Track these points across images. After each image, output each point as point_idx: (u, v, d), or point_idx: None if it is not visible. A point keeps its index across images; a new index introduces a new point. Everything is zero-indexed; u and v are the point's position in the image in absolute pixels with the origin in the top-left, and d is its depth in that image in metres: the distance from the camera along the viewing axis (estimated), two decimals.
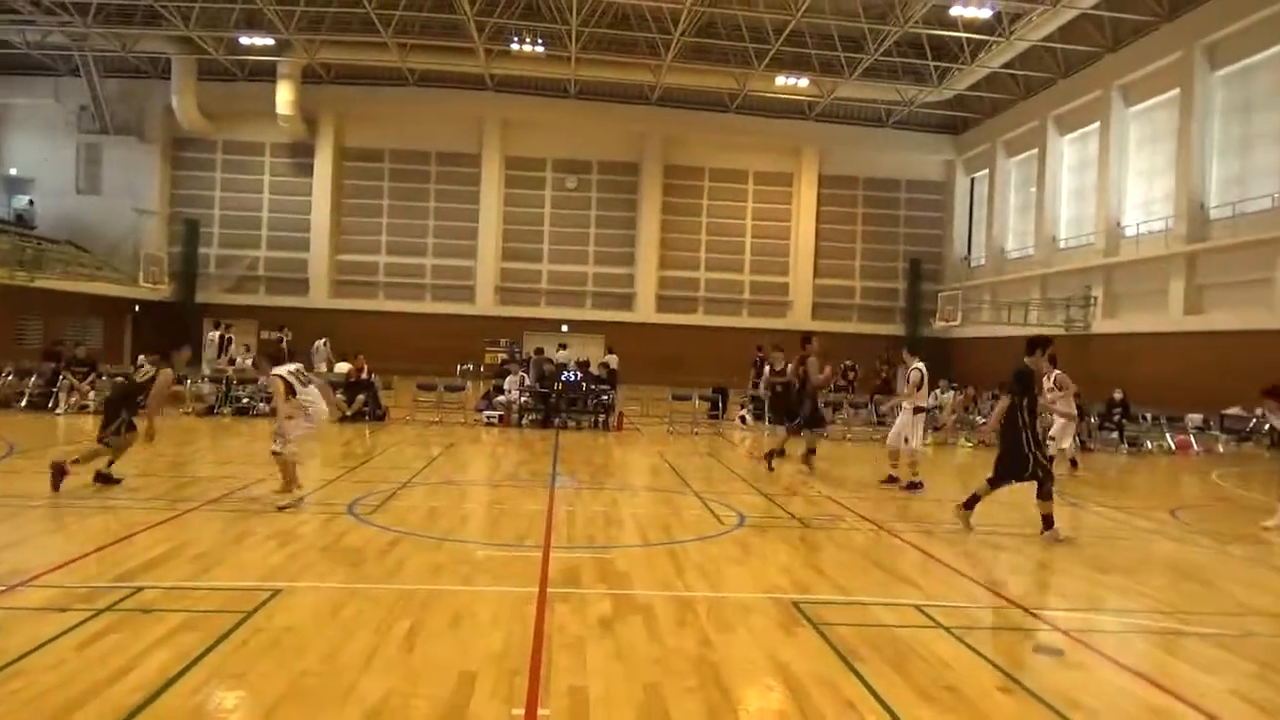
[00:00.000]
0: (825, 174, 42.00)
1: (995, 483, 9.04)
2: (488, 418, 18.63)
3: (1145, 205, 29.90)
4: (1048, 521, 8.80)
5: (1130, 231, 30.23)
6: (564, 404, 18.74)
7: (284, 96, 36.31)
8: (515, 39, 33.72)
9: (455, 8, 30.58)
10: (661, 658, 4.91)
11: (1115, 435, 19.33)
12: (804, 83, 36.87)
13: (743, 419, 20.93)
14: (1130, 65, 29.77)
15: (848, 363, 27.23)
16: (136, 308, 35.66)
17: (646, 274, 40.99)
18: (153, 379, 9.58)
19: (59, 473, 8.92)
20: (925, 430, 13.86)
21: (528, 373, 19.45)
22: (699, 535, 8.32)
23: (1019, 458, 8.77)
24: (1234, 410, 22.31)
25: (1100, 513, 11.02)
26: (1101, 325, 30.47)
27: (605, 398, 19.07)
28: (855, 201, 42.52)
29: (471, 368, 34.87)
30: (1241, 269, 24.87)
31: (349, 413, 17.98)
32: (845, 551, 7.97)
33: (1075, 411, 14.64)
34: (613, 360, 23.61)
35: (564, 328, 38.04)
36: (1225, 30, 25.74)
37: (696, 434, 18.57)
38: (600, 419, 18.73)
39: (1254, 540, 9.47)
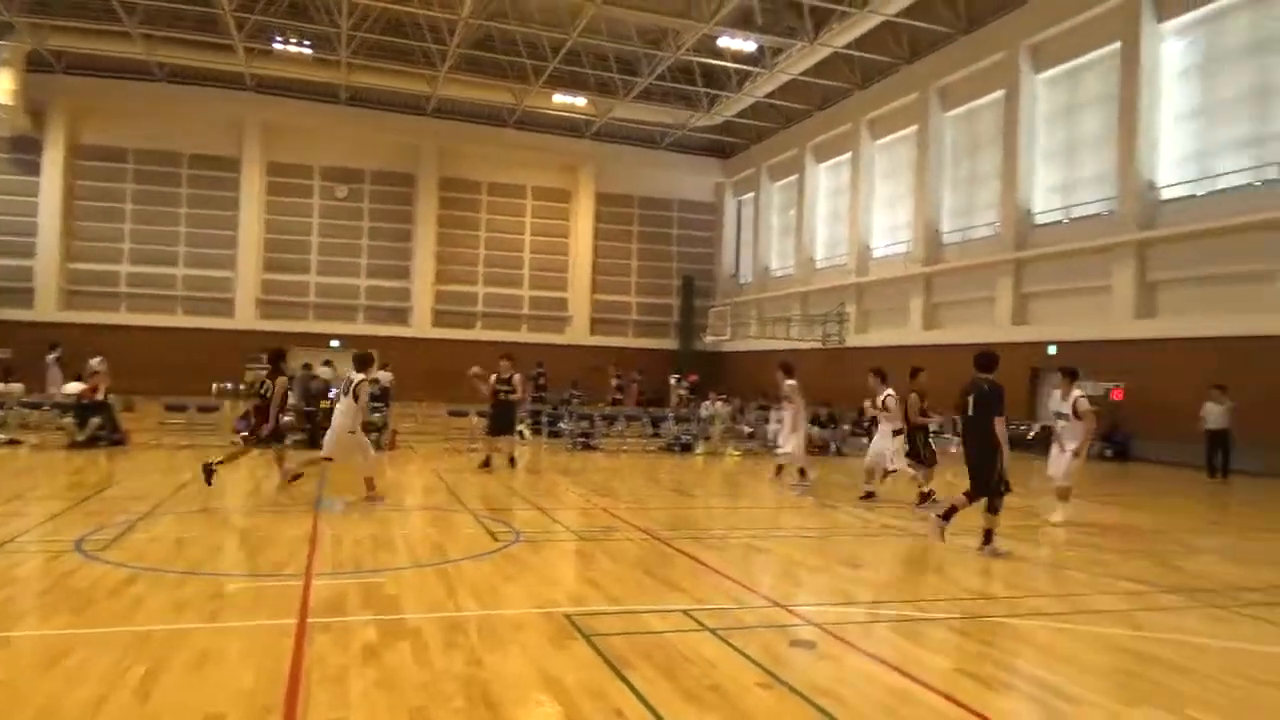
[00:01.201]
0: (602, 192, 42.82)
1: (973, 496, 9.03)
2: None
3: (890, 230, 32.78)
4: (989, 536, 8.97)
5: (878, 254, 33.04)
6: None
7: (3, 85, 32.29)
8: (278, 38, 31.91)
9: (211, 1, 28.52)
10: (429, 682, 4.74)
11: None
12: (581, 101, 37.47)
13: (521, 434, 20.81)
14: (876, 102, 32.59)
15: (635, 375, 27.92)
16: None
17: (423, 288, 39.97)
18: None
19: None
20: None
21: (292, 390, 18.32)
22: (473, 553, 8.14)
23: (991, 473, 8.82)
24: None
25: (853, 513, 11.85)
26: (854, 339, 33.00)
27: (377, 416, 18.33)
28: (631, 219, 43.64)
29: (230, 386, 32.43)
30: (970, 289, 27.81)
31: (80, 438, 16.20)
32: (618, 562, 8.07)
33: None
34: (386, 377, 22.76)
35: (334, 343, 36.29)
36: (954, 75, 28.78)
37: (474, 451, 18.26)
38: (371, 438, 17.98)
39: (980, 532, 10.49)
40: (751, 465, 15.20)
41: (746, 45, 30.96)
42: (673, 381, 26.81)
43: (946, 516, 9.18)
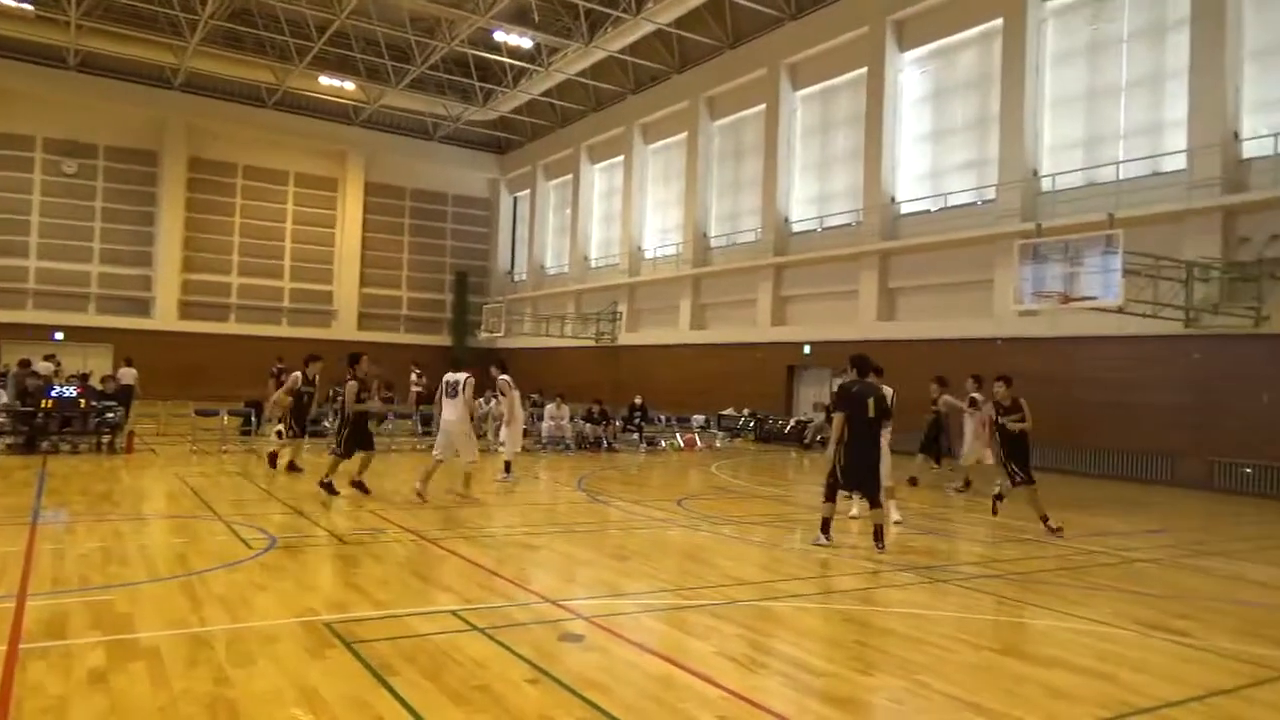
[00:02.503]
0: (372, 182, 41.27)
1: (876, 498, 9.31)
2: None
3: (661, 232, 33.89)
4: (879, 532, 9.16)
5: (649, 255, 34.07)
6: (55, 425, 15.97)
7: None
8: None
9: None
10: (167, 705, 4.33)
11: (635, 436, 21.49)
12: (350, 86, 35.90)
13: (279, 434, 19.59)
14: (649, 107, 33.58)
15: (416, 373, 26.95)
16: None
17: (168, 276, 36.75)
18: None
19: None
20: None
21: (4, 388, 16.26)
22: (222, 563, 7.56)
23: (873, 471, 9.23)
24: (728, 411, 26.14)
25: (621, 506, 12.12)
26: (626, 338, 33.83)
27: (111, 416, 16.61)
28: (403, 212, 42.37)
29: None
30: (734, 291, 29.28)
31: None
32: (384, 565, 7.78)
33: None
34: (129, 374, 20.71)
35: (58, 335, 32.56)
36: (721, 87, 30.18)
37: (225, 453, 16.98)
38: (105, 440, 16.28)
39: (740, 522, 11.08)
40: (527, 461, 15.19)
41: (523, 41, 30.93)
42: (413, 377, 25.98)
43: (824, 529, 9.30)
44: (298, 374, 14.35)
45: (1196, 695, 5.01)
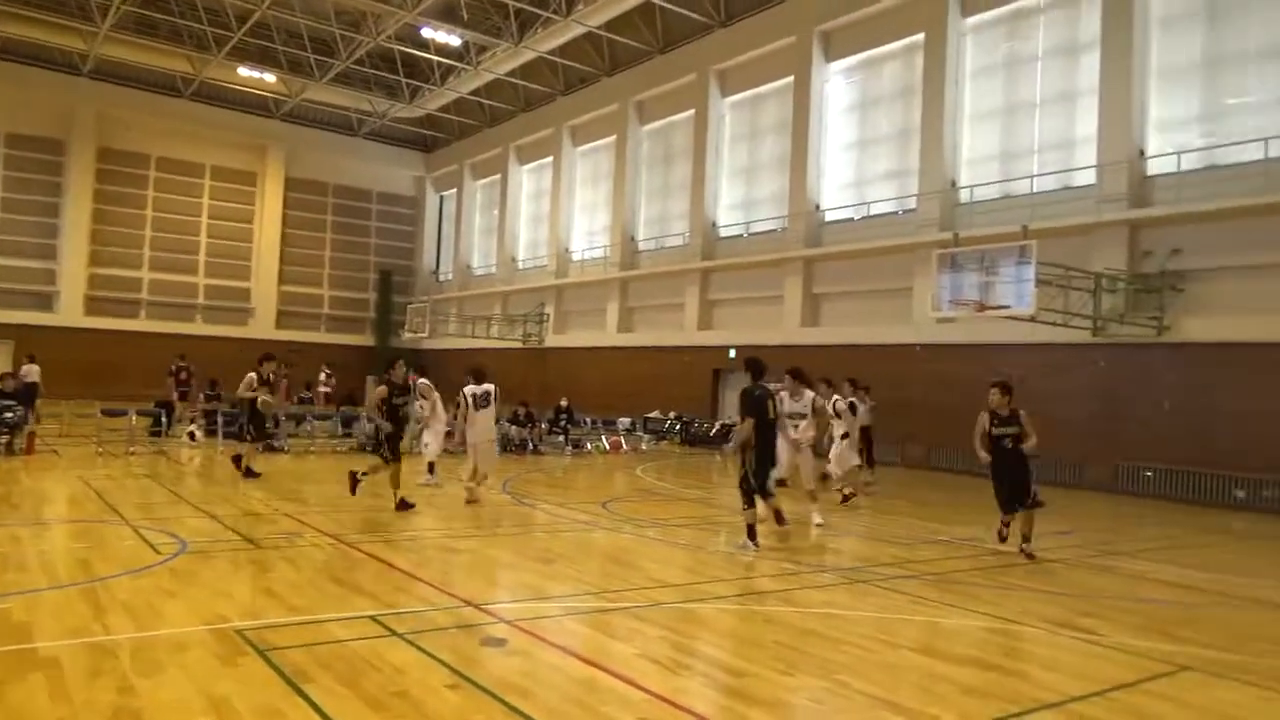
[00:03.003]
0: (293, 177, 40.27)
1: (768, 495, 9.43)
2: None
3: (589, 235, 33.84)
4: (752, 531, 9.24)
5: (577, 257, 33.98)
6: None
7: None
8: None
9: None
10: (68, 717, 4.15)
11: (561, 438, 21.39)
12: (271, 78, 34.97)
13: (192, 435, 18.98)
14: (578, 110, 33.51)
15: (326, 372, 26.34)
16: None
17: (73, 270, 35.25)
18: None
19: None
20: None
21: None
22: (128, 569, 7.26)
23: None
24: (655, 414, 26.22)
25: (546, 509, 12.05)
26: (553, 340, 33.68)
27: (10, 415, 15.82)
28: (325, 208, 41.45)
29: None
30: (661, 295, 29.39)
31: None
32: (301, 570, 7.58)
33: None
34: (33, 372, 19.73)
35: None
36: (651, 91, 30.29)
37: (133, 454, 16.34)
38: (4, 441, 15.50)
39: (664, 524, 11.12)
40: (451, 464, 14.97)
41: (451, 39, 30.57)
42: (322, 377, 25.27)
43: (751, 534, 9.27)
44: (252, 375, 13.70)
45: (1100, 690, 5.20)
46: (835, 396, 13.01)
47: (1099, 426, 17.62)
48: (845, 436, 12.96)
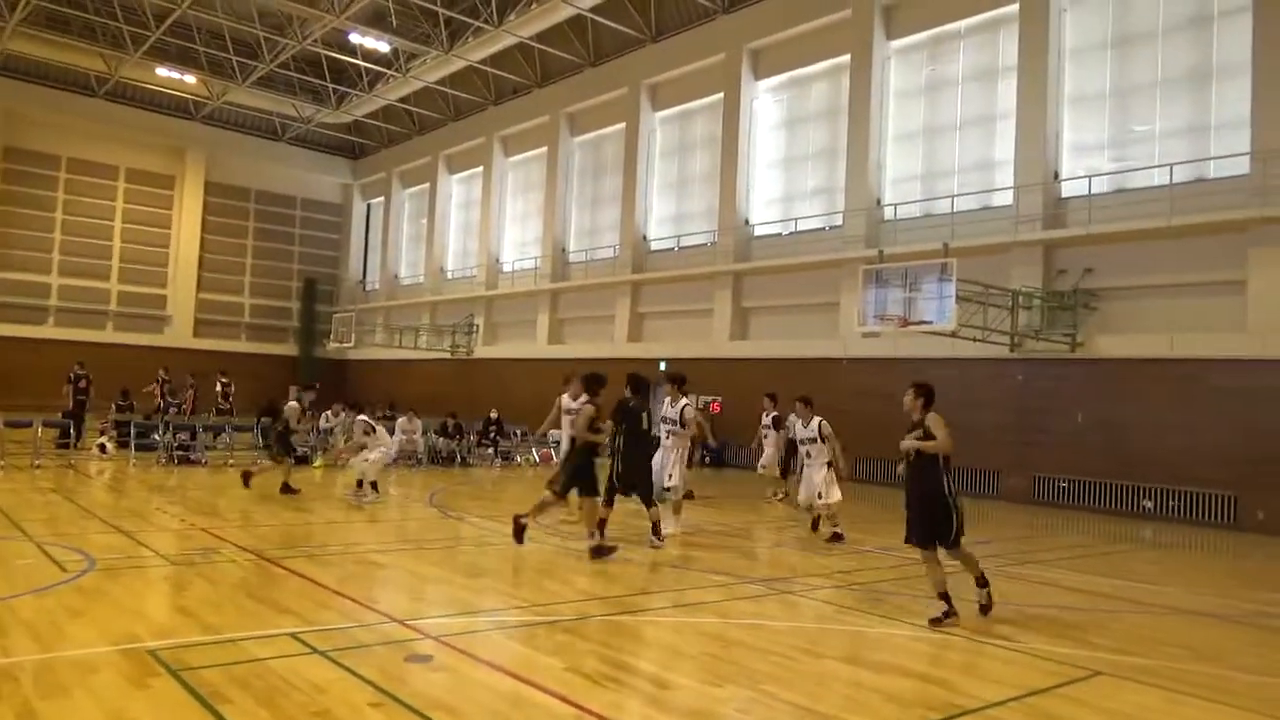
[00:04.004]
0: (213, 181, 39.16)
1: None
2: None
3: (520, 246, 33.65)
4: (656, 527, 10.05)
5: (507, 268, 33.75)
6: None
7: None
8: None
9: None
10: None
11: (491, 450, 21.16)
12: (190, 80, 33.98)
13: (102, 447, 18.24)
14: (509, 120, 33.35)
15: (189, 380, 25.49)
16: None
17: None
18: None
19: None
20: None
21: None
22: (31, 588, 6.93)
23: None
24: None
25: (476, 523, 11.90)
26: (483, 351, 33.35)
27: None
28: (247, 214, 40.38)
29: None
30: (592, 307, 29.37)
31: None
32: (217, 586, 7.33)
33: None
34: None
35: None
36: (582, 104, 30.32)
37: (39, 468, 15.63)
38: None
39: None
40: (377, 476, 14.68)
41: (380, 45, 30.14)
42: (218, 386, 24.25)
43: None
44: (294, 404, 14.37)
45: (1017, 695, 5.35)
46: (816, 419, 11.71)
47: (1015, 438, 18.18)
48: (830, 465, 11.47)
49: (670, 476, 11.34)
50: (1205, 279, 16.22)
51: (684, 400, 11.50)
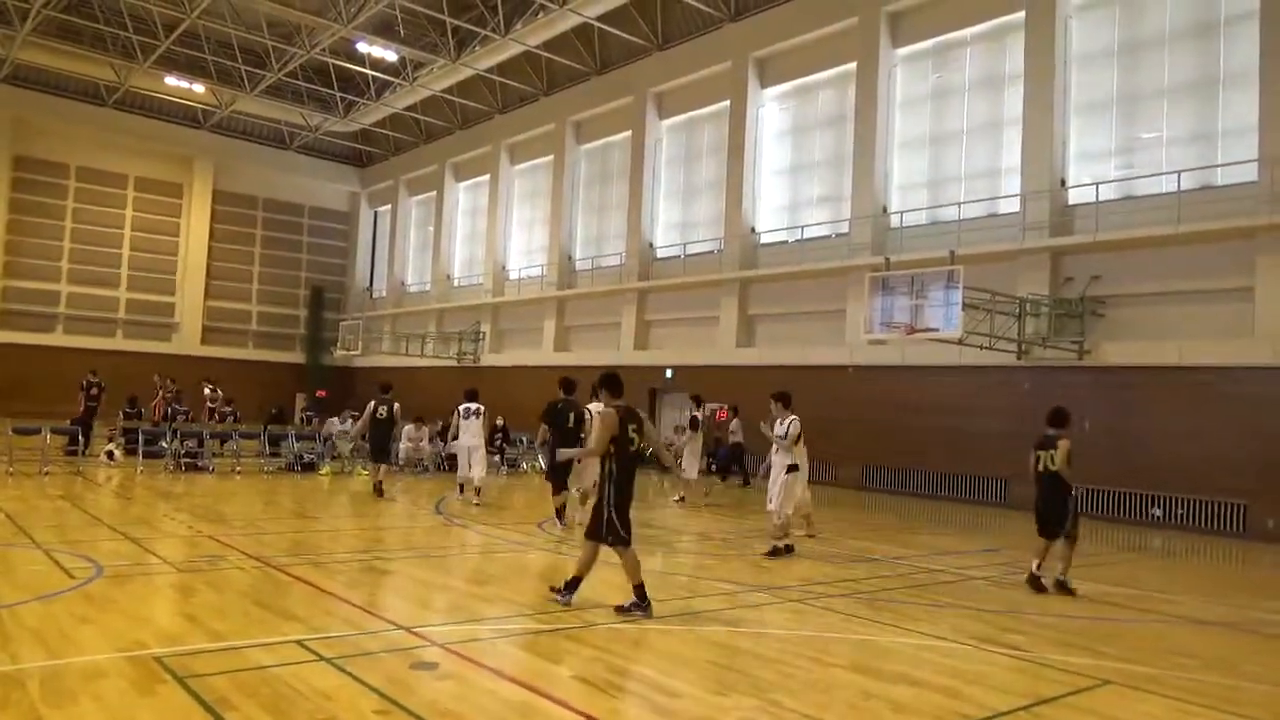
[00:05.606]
0: (221, 189, 39.34)
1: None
2: None
3: (526, 253, 33.73)
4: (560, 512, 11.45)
5: (514, 275, 33.80)
6: None
7: None
8: None
9: None
10: None
11: (497, 458, 21.13)
12: (199, 89, 34.16)
13: (110, 454, 18.30)
14: (516, 128, 33.45)
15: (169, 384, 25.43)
16: None
17: None
18: None
19: None
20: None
21: None
22: (38, 595, 6.94)
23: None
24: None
25: (482, 530, 11.90)
26: (489, 358, 33.38)
27: None
28: (255, 222, 40.56)
29: None
30: (598, 314, 29.39)
31: None
32: (224, 594, 7.34)
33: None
34: None
35: None
36: (588, 112, 30.40)
37: (47, 475, 15.68)
38: None
39: None
40: (383, 484, 14.69)
41: (387, 54, 30.28)
42: (206, 392, 24.18)
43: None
44: (371, 404, 14.99)
45: (1025, 704, 5.32)
46: (791, 418, 10.74)
47: (1023, 447, 18.07)
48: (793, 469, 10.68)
49: (770, 499, 10.56)
50: (1213, 286, 16.16)
51: (791, 416, 10.68)
